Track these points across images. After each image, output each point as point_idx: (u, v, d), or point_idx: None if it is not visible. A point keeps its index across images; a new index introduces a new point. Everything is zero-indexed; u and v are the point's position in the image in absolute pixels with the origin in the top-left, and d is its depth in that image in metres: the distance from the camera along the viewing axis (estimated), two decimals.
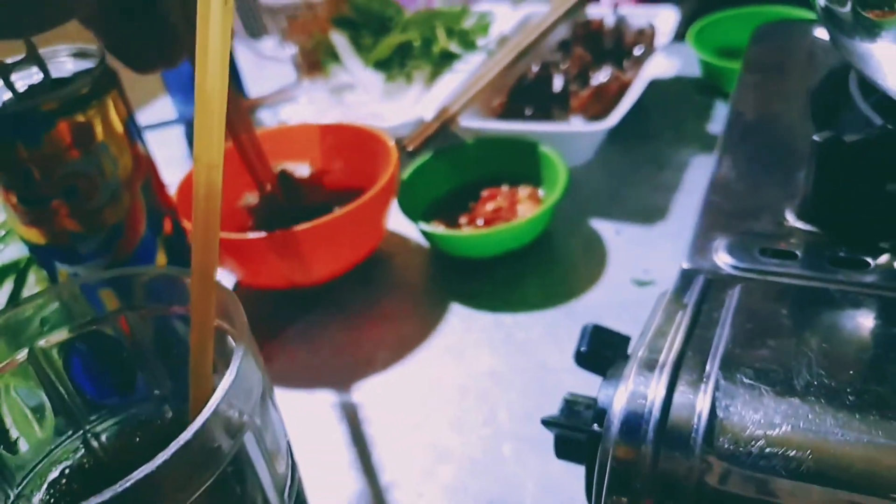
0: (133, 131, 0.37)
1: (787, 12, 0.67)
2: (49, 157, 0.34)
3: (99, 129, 0.35)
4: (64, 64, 0.37)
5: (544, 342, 0.44)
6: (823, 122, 0.40)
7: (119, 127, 0.36)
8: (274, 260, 0.46)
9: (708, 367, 0.24)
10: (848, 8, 0.32)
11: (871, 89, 0.37)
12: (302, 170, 0.54)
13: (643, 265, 0.48)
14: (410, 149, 0.55)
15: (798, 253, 0.32)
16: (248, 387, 0.23)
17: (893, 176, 0.34)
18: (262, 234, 0.44)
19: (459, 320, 0.47)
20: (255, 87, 0.84)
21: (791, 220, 0.34)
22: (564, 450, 0.29)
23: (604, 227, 0.52)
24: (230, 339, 0.25)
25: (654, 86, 0.63)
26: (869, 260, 0.30)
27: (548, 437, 0.29)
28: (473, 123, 0.59)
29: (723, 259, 0.32)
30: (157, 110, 0.80)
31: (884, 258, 0.30)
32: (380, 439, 0.40)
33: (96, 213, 0.35)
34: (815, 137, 0.31)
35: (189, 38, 0.32)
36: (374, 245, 0.51)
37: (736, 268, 0.32)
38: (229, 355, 0.22)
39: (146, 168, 0.38)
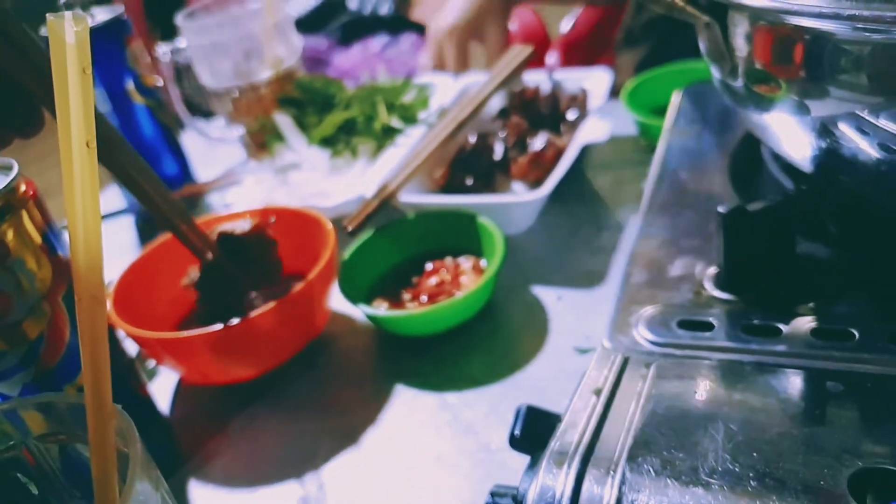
0: (53, 242, 0.37)
1: None
2: None
3: (13, 245, 0.34)
4: None
5: (489, 421, 0.43)
6: (740, 185, 0.41)
7: (36, 239, 0.36)
8: (212, 356, 0.45)
9: (616, 458, 0.24)
10: (740, 83, 0.33)
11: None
12: (242, 225, 0.51)
13: (584, 331, 0.48)
14: (350, 229, 0.55)
15: (715, 323, 0.32)
16: None
17: (804, 236, 0.35)
18: (197, 331, 0.44)
19: (403, 402, 0.46)
20: (205, 169, 0.84)
21: (709, 288, 0.35)
22: None
23: (545, 294, 0.52)
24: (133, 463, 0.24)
25: (593, 145, 0.64)
26: (781, 326, 0.31)
27: None
28: (413, 199, 0.60)
29: (642, 335, 0.32)
30: (106, 200, 0.80)
31: (795, 323, 0.31)
32: None
33: (14, 328, 0.35)
34: (719, 209, 0.32)
35: (49, 105, 0.32)
36: (316, 331, 0.51)
37: (655, 343, 0.32)
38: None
39: (69, 276, 0.38)
